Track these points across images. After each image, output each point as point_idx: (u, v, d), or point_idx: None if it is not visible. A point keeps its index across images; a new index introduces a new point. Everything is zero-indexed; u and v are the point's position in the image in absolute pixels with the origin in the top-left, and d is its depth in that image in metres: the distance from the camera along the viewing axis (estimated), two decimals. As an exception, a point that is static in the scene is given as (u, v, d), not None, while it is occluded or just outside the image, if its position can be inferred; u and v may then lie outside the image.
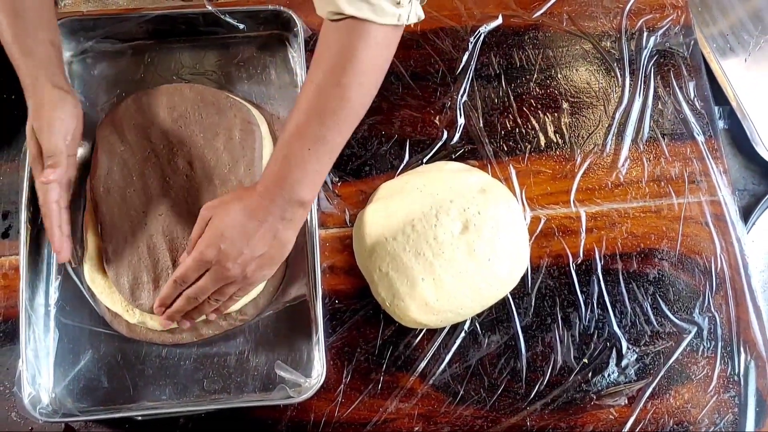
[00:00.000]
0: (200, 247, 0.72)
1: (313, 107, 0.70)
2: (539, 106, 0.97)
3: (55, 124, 0.78)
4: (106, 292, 0.82)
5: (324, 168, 0.72)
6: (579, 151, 0.95)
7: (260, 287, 0.83)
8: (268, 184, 0.72)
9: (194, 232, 0.74)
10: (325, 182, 0.91)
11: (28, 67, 0.79)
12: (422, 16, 0.70)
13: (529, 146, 0.95)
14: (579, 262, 0.90)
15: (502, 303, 0.87)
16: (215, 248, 0.71)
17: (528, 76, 0.99)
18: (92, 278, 0.83)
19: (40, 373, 0.80)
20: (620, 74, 0.99)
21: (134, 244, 0.83)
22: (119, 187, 0.85)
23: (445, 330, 0.86)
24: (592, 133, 0.96)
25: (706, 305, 0.88)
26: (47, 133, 0.78)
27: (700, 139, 0.96)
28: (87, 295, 0.84)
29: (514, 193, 0.92)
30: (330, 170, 0.90)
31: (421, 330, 0.86)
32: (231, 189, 0.84)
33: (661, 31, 1.02)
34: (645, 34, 1.01)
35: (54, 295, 0.84)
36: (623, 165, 0.94)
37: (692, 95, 0.98)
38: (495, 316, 0.87)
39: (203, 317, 0.78)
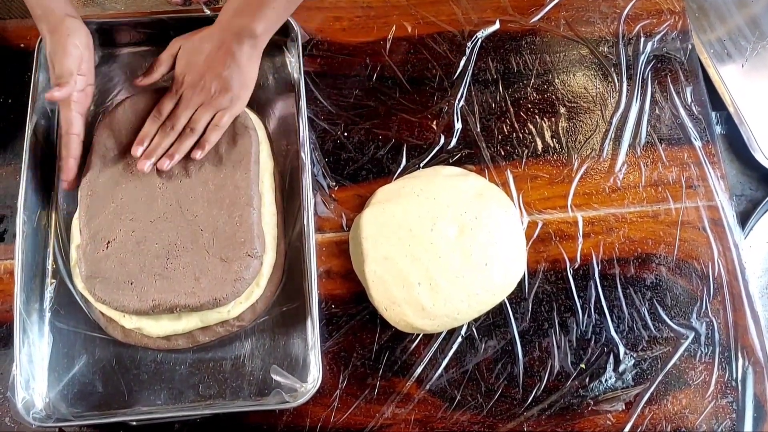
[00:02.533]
0: (171, 85, 0.84)
1: None
2: (536, 111, 0.97)
3: (69, 49, 0.81)
4: None
5: (279, 6, 0.82)
6: (576, 155, 0.95)
7: (257, 293, 0.83)
8: (226, 12, 0.82)
9: (161, 55, 0.87)
10: (322, 186, 0.91)
11: None
12: None
13: (526, 151, 0.95)
14: (576, 267, 0.89)
15: (499, 308, 0.87)
16: (182, 75, 0.84)
17: (525, 81, 0.99)
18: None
19: (34, 377, 0.79)
20: (617, 79, 0.99)
21: (119, 250, 0.81)
22: (107, 191, 0.84)
23: (442, 335, 0.85)
24: (589, 137, 0.96)
25: (703, 310, 0.88)
26: (60, 56, 0.81)
27: (698, 144, 0.96)
28: (80, 301, 0.83)
29: (511, 198, 0.91)
30: (326, 172, 0.91)
31: (418, 335, 0.85)
32: (227, 194, 0.84)
33: (658, 37, 1.02)
34: (642, 39, 1.02)
35: (49, 299, 0.84)
36: (620, 170, 0.94)
37: (689, 100, 0.98)
38: (492, 321, 0.87)
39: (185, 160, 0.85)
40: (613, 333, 0.87)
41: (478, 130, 0.95)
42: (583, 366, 0.85)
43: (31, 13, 0.82)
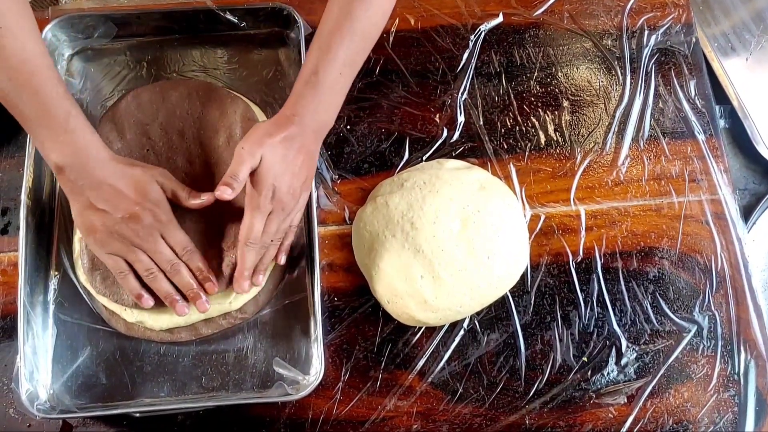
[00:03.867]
0: (257, 201, 0.75)
1: (335, 33, 0.77)
2: (539, 104, 0.97)
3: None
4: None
5: (345, 90, 0.81)
6: (579, 149, 0.95)
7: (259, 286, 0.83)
8: (303, 110, 0.77)
9: (233, 167, 0.74)
10: (325, 179, 0.91)
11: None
12: None
13: (529, 144, 0.95)
14: (579, 260, 0.89)
15: (502, 301, 0.87)
16: (270, 193, 0.75)
17: (528, 74, 0.98)
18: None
19: (38, 369, 0.80)
20: (621, 72, 0.99)
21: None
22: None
23: (444, 328, 0.86)
24: (592, 131, 0.96)
25: (706, 304, 0.88)
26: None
27: (701, 137, 0.96)
28: (83, 294, 0.84)
29: (514, 191, 0.91)
30: (329, 165, 0.91)
31: (420, 328, 0.86)
32: None
33: (662, 30, 1.01)
34: (646, 32, 1.01)
35: (53, 291, 0.84)
36: (623, 163, 0.94)
37: (693, 94, 0.98)
38: (494, 314, 0.87)
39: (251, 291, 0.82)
40: (615, 326, 0.87)
41: (481, 123, 0.95)
42: (585, 359, 0.85)
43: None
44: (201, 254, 0.79)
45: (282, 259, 0.82)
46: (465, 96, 0.96)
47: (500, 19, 1.01)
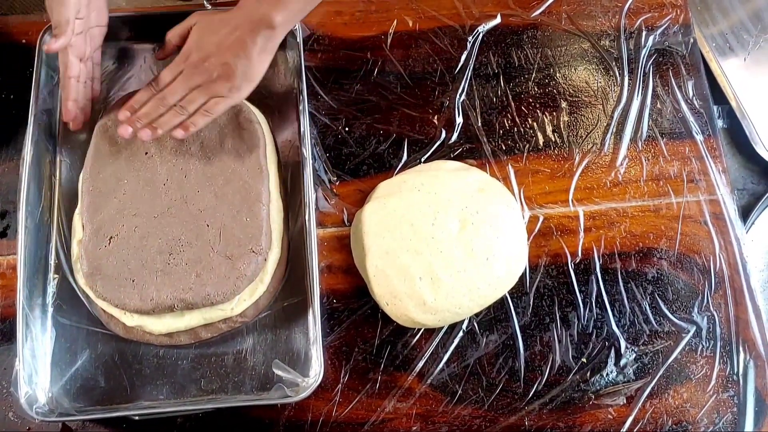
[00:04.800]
0: (176, 57, 0.81)
1: None
2: (538, 106, 0.97)
3: None
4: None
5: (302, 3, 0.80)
6: (577, 150, 0.95)
7: (261, 289, 0.83)
8: (250, 0, 0.79)
9: (175, 28, 0.85)
10: (323, 181, 0.91)
11: None
12: None
13: (527, 145, 0.95)
14: (577, 261, 0.89)
15: (501, 302, 0.87)
16: (188, 51, 0.80)
17: (526, 76, 0.98)
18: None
19: (37, 372, 0.80)
20: (619, 73, 0.99)
21: (122, 246, 0.81)
22: (109, 187, 0.84)
23: (443, 329, 0.86)
24: (590, 132, 0.96)
25: (705, 304, 0.88)
26: (58, 5, 0.80)
27: (699, 138, 0.96)
28: (82, 297, 0.84)
29: (513, 193, 0.91)
30: (328, 167, 0.91)
31: (419, 329, 0.86)
32: (236, 189, 0.84)
33: (660, 30, 1.01)
34: (644, 33, 1.01)
35: (51, 294, 0.84)
36: (622, 164, 0.94)
37: (691, 94, 0.98)
38: (493, 316, 0.87)
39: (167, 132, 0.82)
40: (614, 327, 0.87)
41: (480, 124, 0.95)
42: (584, 360, 0.85)
43: None
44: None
45: (179, 134, 0.81)
46: (463, 97, 0.96)
47: (498, 20, 1.01)
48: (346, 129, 0.94)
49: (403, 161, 0.93)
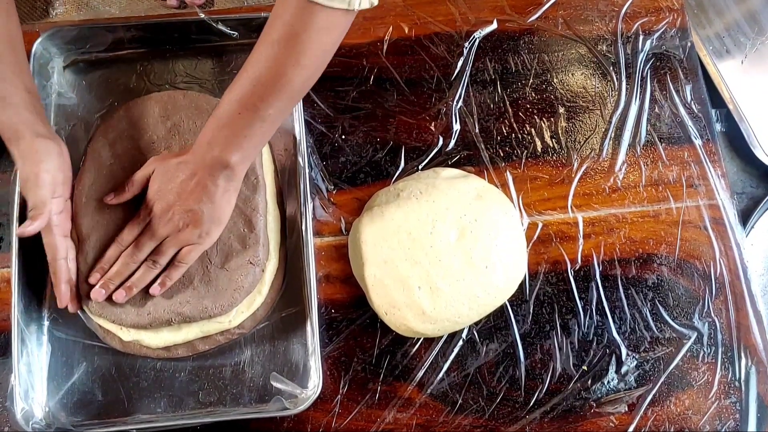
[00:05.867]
0: (139, 210, 0.79)
1: (252, 79, 0.71)
2: (535, 111, 0.96)
3: (41, 177, 0.76)
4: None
5: (254, 136, 0.75)
6: (576, 156, 0.94)
7: (259, 300, 0.82)
8: (200, 142, 0.76)
9: (135, 175, 0.81)
10: (320, 190, 0.90)
11: (8, 117, 0.76)
12: (375, 3, 0.69)
13: (525, 152, 0.94)
14: (577, 268, 0.89)
15: (500, 311, 0.86)
16: (151, 202, 0.78)
17: (524, 81, 0.98)
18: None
19: (33, 387, 0.79)
20: (616, 78, 0.99)
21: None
22: (102, 202, 0.82)
23: (443, 339, 0.85)
24: (588, 137, 0.95)
25: (705, 310, 0.88)
26: (33, 187, 0.76)
27: (698, 142, 0.95)
28: (78, 312, 0.82)
29: (511, 199, 0.91)
30: (324, 176, 0.90)
31: (419, 339, 0.85)
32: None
33: (657, 34, 1.01)
34: (641, 37, 1.01)
35: (47, 308, 0.83)
36: (620, 169, 0.94)
37: (689, 98, 0.98)
38: (493, 324, 0.86)
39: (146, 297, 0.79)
40: (615, 334, 0.86)
41: (477, 131, 0.95)
42: (585, 368, 0.85)
43: (2, 135, 0.77)
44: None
45: (156, 291, 0.78)
46: (460, 104, 0.96)
47: (494, 26, 1.00)
48: (343, 137, 0.93)
49: (400, 169, 0.92)
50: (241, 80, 0.72)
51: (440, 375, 0.84)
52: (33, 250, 0.83)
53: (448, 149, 0.93)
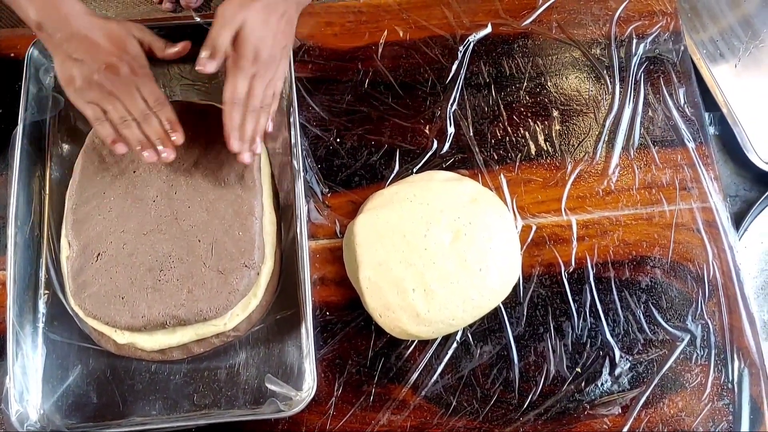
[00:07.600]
0: (241, 62, 0.76)
1: None
2: (529, 115, 0.97)
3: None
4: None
5: None
6: (570, 159, 0.95)
7: (254, 303, 0.82)
8: None
9: (218, 33, 0.75)
10: (315, 193, 0.91)
11: None
12: None
13: (519, 155, 0.94)
14: (571, 270, 0.89)
15: (494, 313, 0.87)
16: (254, 51, 0.76)
17: (518, 85, 0.98)
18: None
19: (28, 389, 0.79)
20: (610, 81, 0.99)
21: (110, 263, 0.81)
22: (95, 204, 0.83)
23: (437, 341, 0.85)
24: (582, 140, 0.96)
25: (699, 312, 0.88)
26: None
27: (691, 145, 0.96)
28: (72, 314, 0.83)
29: (505, 202, 0.91)
30: (319, 179, 0.90)
31: (413, 341, 0.85)
32: (229, 203, 0.83)
33: (650, 38, 1.02)
34: (634, 40, 1.01)
35: (42, 310, 0.83)
36: (614, 172, 0.94)
37: (682, 102, 0.98)
38: (487, 327, 0.86)
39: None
40: (608, 336, 0.86)
41: (471, 134, 0.95)
42: (578, 370, 0.85)
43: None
44: (171, 107, 0.80)
45: (270, 126, 0.82)
46: (455, 107, 0.96)
47: (489, 29, 1.01)
48: (338, 140, 0.94)
49: (395, 172, 0.92)
50: None
51: (434, 377, 0.84)
52: (28, 253, 0.84)
53: (442, 152, 0.94)
